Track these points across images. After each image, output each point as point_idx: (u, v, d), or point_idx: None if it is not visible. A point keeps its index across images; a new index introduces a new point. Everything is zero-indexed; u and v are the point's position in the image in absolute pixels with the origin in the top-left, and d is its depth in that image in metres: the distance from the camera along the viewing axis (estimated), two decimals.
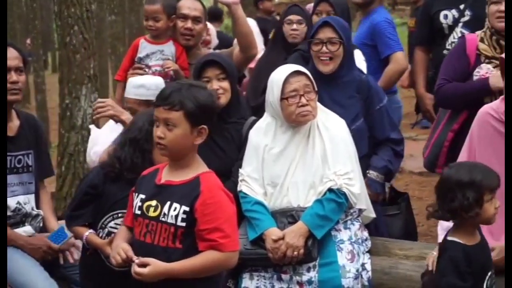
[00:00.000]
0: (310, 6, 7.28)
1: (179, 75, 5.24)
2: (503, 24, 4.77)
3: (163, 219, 3.50)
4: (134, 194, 3.65)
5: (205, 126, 3.48)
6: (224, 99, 4.53)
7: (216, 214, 3.41)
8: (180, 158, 3.57)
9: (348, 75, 4.74)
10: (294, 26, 5.63)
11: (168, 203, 3.50)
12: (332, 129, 4.34)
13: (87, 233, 4.14)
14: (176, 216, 3.46)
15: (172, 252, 3.46)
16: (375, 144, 4.78)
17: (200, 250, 3.42)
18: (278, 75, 4.36)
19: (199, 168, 3.55)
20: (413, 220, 5.11)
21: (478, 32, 4.98)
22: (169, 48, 5.42)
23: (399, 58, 6.06)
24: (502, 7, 4.76)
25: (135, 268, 3.42)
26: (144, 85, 4.85)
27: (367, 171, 4.69)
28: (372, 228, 4.66)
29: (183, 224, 3.45)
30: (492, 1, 4.83)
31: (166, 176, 3.60)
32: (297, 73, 4.33)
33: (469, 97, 4.63)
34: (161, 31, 5.44)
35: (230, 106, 4.59)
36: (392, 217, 4.91)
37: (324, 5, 5.30)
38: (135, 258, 3.46)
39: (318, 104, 4.43)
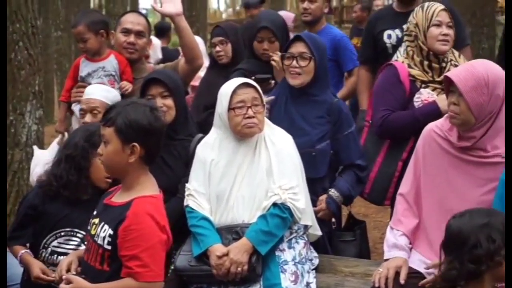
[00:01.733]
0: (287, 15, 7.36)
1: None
2: (446, 47, 4.85)
3: (96, 239, 3.50)
4: None
5: (136, 144, 3.46)
6: (168, 117, 4.53)
7: (137, 242, 3.38)
8: (118, 176, 3.57)
9: (321, 95, 4.78)
10: (217, 48, 5.79)
11: (102, 223, 3.50)
12: (278, 144, 4.37)
13: (22, 251, 4.10)
14: (104, 238, 3.45)
15: (99, 274, 3.46)
16: (342, 168, 4.82)
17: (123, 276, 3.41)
18: (227, 86, 4.40)
19: (142, 191, 3.53)
20: (368, 248, 5.13)
21: (400, 59, 5.01)
22: (111, 63, 5.39)
23: None
24: (445, 30, 4.83)
25: (61, 284, 3.42)
26: (111, 91, 4.94)
27: (329, 189, 4.73)
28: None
29: (109, 247, 3.44)
30: (432, 24, 4.85)
31: (117, 195, 3.59)
32: (246, 85, 4.37)
33: (420, 123, 4.57)
34: (94, 49, 5.42)
35: (176, 123, 4.60)
36: (346, 243, 4.92)
37: (264, 32, 5.33)
38: (64, 274, 3.46)
39: (266, 119, 4.46)
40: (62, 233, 4.10)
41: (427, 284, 3.93)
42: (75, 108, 5.34)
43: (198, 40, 6.22)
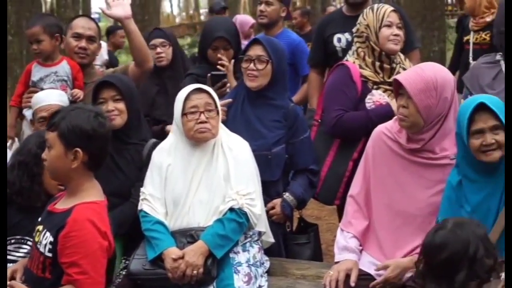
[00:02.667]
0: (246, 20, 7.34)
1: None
2: (397, 47, 4.91)
3: (38, 246, 3.47)
4: None
5: (79, 149, 3.45)
6: (119, 120, 4.53)
7: (76, 249, 3.36)
8: (62, 181, 3.55)
9: (278, 99, 4.79)
10: (158, 49, 5.80)
11: (45, 230, 3.48)
12: (235, 150, 4.37)
13: None
14: (45, 245, 3.43)
15: (41, 281, 3.44)
16: (294, 172, 4.84)
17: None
18: (182, 92, 4.40)
19: (85, 197, 3.51)
20: (320, 251, 5.14)
21: (350, 59, 5.03)
22: (63, 68, 5.37)
23: None
24: (396, 30, 4.89)
25: None
26: (63, 95, 5.00)
27: (284, 193, 4.74)
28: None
29: (50, 254, 3.42)
30: (384, 25, 4.90)
31: (60, 202, 3.57)
32: (199, 90, 4.37)
33: (374, 125, 4.54)
34: (47, 52, 5.40)
35: (129, 127, 4.59)
36: (301, 246, 4.92)
37: (220, 41, 5.33)
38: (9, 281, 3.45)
39: (223, 126, 4.48)
40: (13, 241, 4.06)
41: (377, 286, 3.99)
42: (27, 113, 5.31)
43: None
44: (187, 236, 4.24)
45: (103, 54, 8.17)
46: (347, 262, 4.08)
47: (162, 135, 5.01)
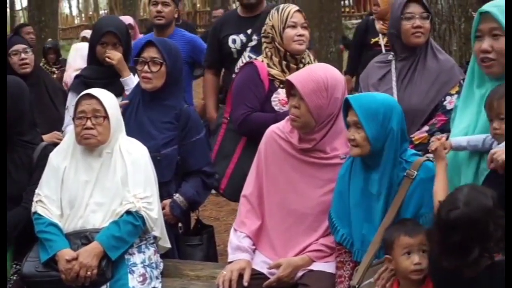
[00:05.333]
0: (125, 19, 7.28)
1: None
2: (302, 47, 4.96)
3: None
4: None
5: None
6: None
7: None
8: None
9: (171, 100, 4.78)
10: (23, 55, 5.75)
11: None
12: (134, 154, 4.37)
13: None
14: None
15: None
16: (187, 173, 4.82)
17: None
18: (78, 96, 4.41)
19: None
20: (215, 252, 5.15)
21: (259, 58, 5.08)
22: None
23: None
24: (300, 30, 4.93)
25: None
26: None
27: (174, 194, 4.73)
28: None
29: None
30: (288, 25, 4.93)
31: None
32: (89, 96, 4.35)
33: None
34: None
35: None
36: (193, 247, 4.92)
37: (109, 36, 5.32)
38: None
39: (123, 131, 4.47)
40: None
41: (270, 285, 4.02)
42: None
43: (83, 52, 6.14)
44: (81, 238, 4.22)
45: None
46: (240, 261, 4.11)
47: None
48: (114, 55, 5.25)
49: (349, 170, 3.94)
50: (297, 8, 5.04)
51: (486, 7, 3.42)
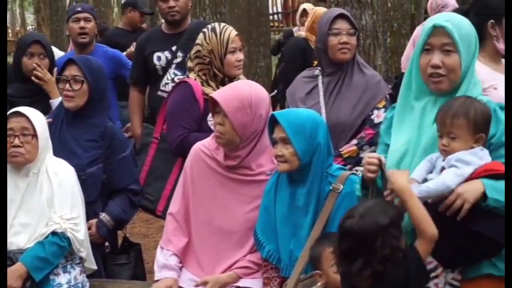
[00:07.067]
0: None
1: None
2: (241, 71, 4.96)
3: None
4: None
5: None
6: None
7: None
8: None
9: (95, 118, 4.73)
10: None
11: None
12: (61, 175, 4.33)
13: None
14: None
15: None
16: (113, 191, 4.78)
17: None
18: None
19: None
20: (143, 270, 5.10)
21: (191, 76, 4.98)
22: None
23: None
24: (240, 55, 4.89)
25: None
26: None
27: (100, 213, 4.68)
28: None
29: None
30: (229, 51, 4.84)
31: None
32: (17, 113, 4.32)
33: None
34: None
35: None
36: (120, 266, 4.87)
37: (35, 46, 5.28)
38: None
39: (51, 151, 4.42)
40: None
41: None
42: None
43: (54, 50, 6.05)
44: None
45: None
46: (167, 280, 4.10)
47: None
48: (45, 74, 5.19)
49: (275, 185, 3.96)
50: (235, 32, 4.95)
51: (439, 21, 3.39)
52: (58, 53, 6.78)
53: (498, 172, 3.18)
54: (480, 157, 3.24)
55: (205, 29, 4.97)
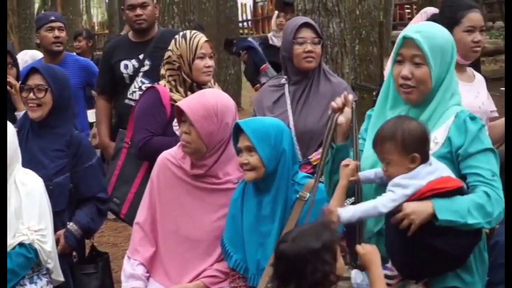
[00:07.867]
0: None
1: None
2: (210, 77, 4.96)
3: None
4: None
5: None
6: None
7: None
8: None
9: (60, 128, 4.69)
10: None
11: None
12: (29, 185, 4.28)
13: None
14: None
15: None
16: (80, 200, 4.74)
17: None
18: None
19: None
20: (111, 280, 5.03)
21: (161, 83, 5.02)
22: None
23: None
24: (209, 61, 4.91)
25: None
26: None
27: (68, 223, 4.64)
28: None
29: None
30: (197, 57, 4.89)
31: None
32: None
33: None
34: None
35: None
36: (88, 276, 4.82)
37: None
38: None
39: (20, 162, 4.36)
40: None
41: None
42: None
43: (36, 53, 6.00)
44: None
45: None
46: None
47: None
48: (15, 82, 5.15)
49: (241, 194, 3.98)
50: (205, 38, 5.01)
51: (410, 32, 3.40)
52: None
53: (446, 190, 3.18)
54: (422, 176, 3.21)
55: (176, 36, 5.05)
